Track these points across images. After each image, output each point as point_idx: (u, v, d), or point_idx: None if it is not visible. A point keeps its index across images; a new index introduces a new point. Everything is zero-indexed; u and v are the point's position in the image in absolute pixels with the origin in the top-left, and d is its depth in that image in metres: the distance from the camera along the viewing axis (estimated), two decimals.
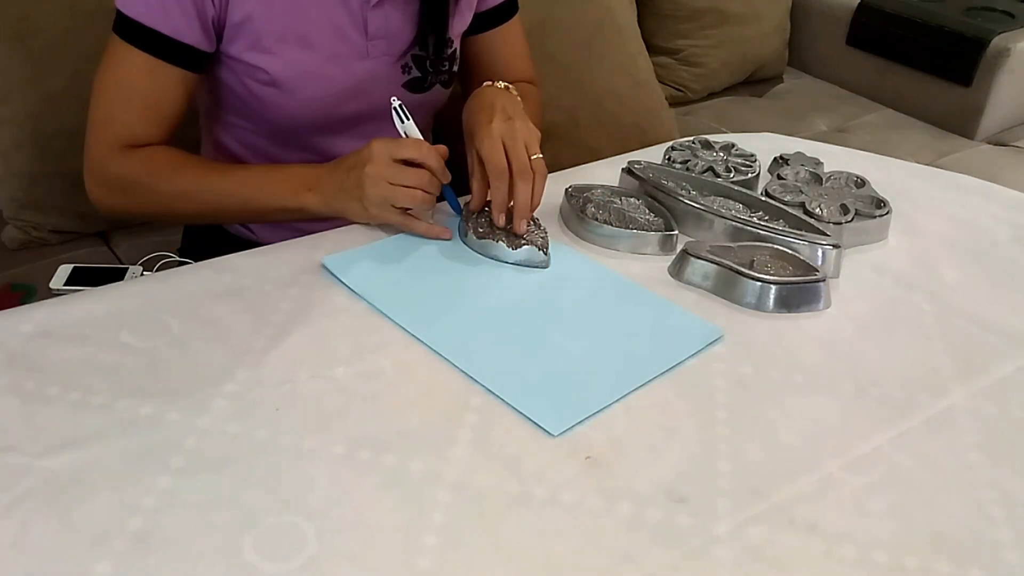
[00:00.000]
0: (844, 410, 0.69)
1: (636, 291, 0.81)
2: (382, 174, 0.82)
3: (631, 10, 1.69)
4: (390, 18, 0.92)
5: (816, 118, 1.93)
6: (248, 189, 0.88)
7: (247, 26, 0.87)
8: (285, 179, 0.88)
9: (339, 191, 0.85)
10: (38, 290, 1.14)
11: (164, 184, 0.88)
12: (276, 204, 0.87)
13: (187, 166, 0.89)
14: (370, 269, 0.81)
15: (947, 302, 0.83)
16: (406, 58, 0.96)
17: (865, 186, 0.98)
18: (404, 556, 0.54)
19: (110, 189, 0.90)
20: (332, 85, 0.92)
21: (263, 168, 0.93)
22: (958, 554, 0.57)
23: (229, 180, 0.89)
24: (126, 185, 0.89)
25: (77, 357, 0.69)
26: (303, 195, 0.86)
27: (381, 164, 0.82)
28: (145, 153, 0.88)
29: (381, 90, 0.95)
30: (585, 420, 0.66)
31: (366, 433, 0.63)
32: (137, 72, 0.86)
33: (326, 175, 0.86)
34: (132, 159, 0.88)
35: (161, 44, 0.85)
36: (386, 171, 0.82)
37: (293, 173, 0.88)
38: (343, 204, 0.85)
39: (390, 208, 0.84)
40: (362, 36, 0.92)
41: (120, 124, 0.88)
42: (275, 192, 0.87)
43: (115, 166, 0.88)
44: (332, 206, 0.86)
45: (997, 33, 1.81)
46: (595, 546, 0.56)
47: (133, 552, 0.54)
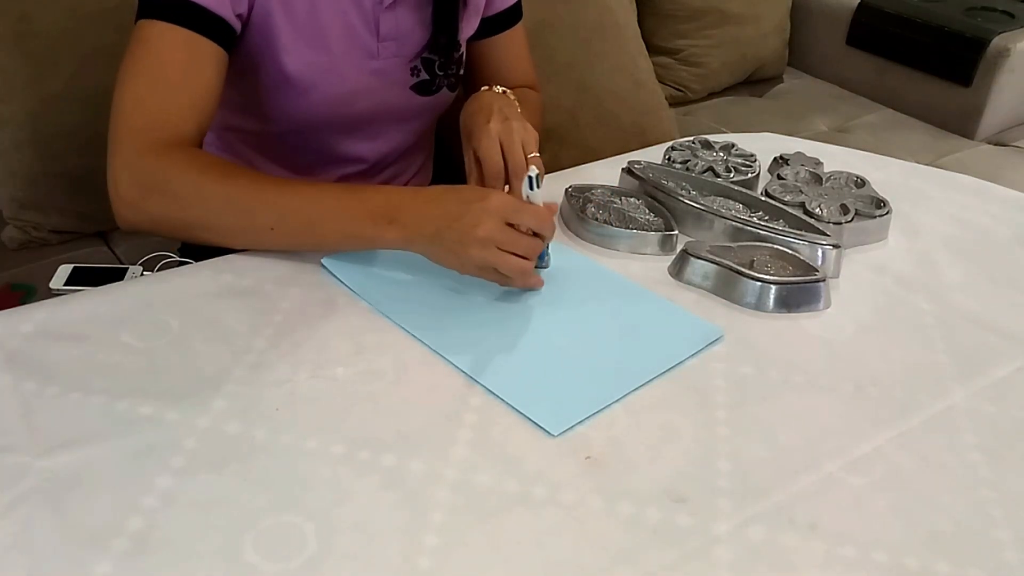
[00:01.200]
0: (844, 410, 0.69)
1: (636, 291, 0.81)
2: (494, 238, 0.72)
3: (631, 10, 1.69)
4: (401, 20, 0.93)
5: (816, 118, 1.93)
6: (315, 208, 0.77)
7: (265, 22, 0.86)
8: (361, 204, 0.77)
9: (434, 237, 0.74)
10: (38, 290, 1.14)
11: (216, 188, 0.76)
12: (345, 231, 0.77)
13: (241, 173, 0.79)
14: (370, 269, 0.81)
15: (947, 302, 0.83)
16: (415, 60, 0.96)
17: (865, 186, 0.98)
18: (404, 556, 0.54)
19: (145, 189, 0.76)
20: (342, 84, 0.92)
21: (331, 187, 0.80)
22: (958, 554, 0.57)
23: (292, 195, 0.77)
24: (166, 184, 0.76)
25: (77, 357, 0.69)
26: (382, 226, 0.75)
27: (495, 226, 0.72)
28: (189, 152, 0.78)
29: (389, 91, 0.96)
30: (585, 420, 0.66)
31: (366, 433, 0.63)
32: (173, 48, 0.79)
33: (417, 209, 0.76)
34: (177, 155, 0.77)
35: (197, 15, 0.79)
36: (499, 235, 0.73)
37: (370, 198, 0.77)
38: (434, 251, 0.75)
39: (491, 272, 0.75)
40: (373, 37, 0.92)
41: (155, 108, 0.78)
42: (348, 217, 0.77)
43: (154, 161, 0.76)
44: (417, 246, 0.76)
45: (997, 33, 1.81)
46: (595, 546, 0.56)
47: (133, 552, 0.54)
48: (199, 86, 0.81)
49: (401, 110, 0.99)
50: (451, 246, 0.74)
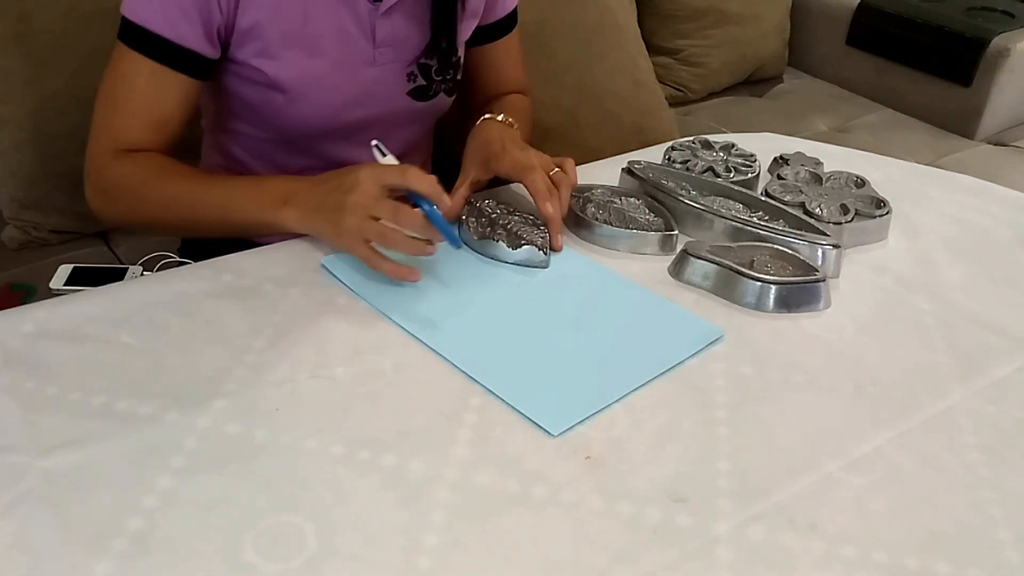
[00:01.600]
0: (844, 410, 0.69)
1: (636, 291, 0.81)
2: (364, 204, 0.76)
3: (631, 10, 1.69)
4: (397, 26, 0.93)
5: (816, 118, 1.93)
6: (227, 202, 0.85)
7: (255, 32, 0.87)
8: (263, 193, 0.84)
9: (317, 211, 0.80)
10: (38, 290, 1.14)
11: (153, 191, 0.86)
12: (252, 218, 0.83)
13: (176, 175, 0.87)
14: (370, 269, 0.81)
15: (947, 302, 0.83)
16: (412, 66, 0.96)
17: (865, 186, 0.98)
18: (404, 556, 0.54)
19: (104, 195, 0.89)
20: (338, 92, 0.92)
21: (243, 180, 0.88)
22: (958, 554, 0.57)
23: (210, 192, 0.86)
24: (117, 191, 0.88)
25: (77, 357, 0.69)
26: (279, 209, 0.82)
27: (365, 194, 0.76)
28: (138, 159, 0.87)
29: (387, 97, 0.96)
30: (585, 420, 0.66)
31: (366, 433, 0.63)
32: (139, 77, 0.85)
33: (306, 190, 0.82)
34: (125, 164, 0.86)
35: (164, 50, 0.84)
36: (368, 201, 0.76)
37: (271, 186, 0.84)
38: (317, 224, 0.80)
39: (361, 242, 0.77)
40: (369, 43, 0.92)
41: (118, 128, 0.87)
42: (251, 205, 0.83)
43: (109, 171, 0.87)
44: (307, 224, 0.81)
45: (997, 33, 1.81)
46: (595, 546, 0.56)
47: (133, 552, 0.54)
48: (162, 113, 0.87)
49: (399, 116, 0.98)
50: (331, 216, 0.78)
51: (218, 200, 0.85)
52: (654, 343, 0.74)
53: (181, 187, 0.86)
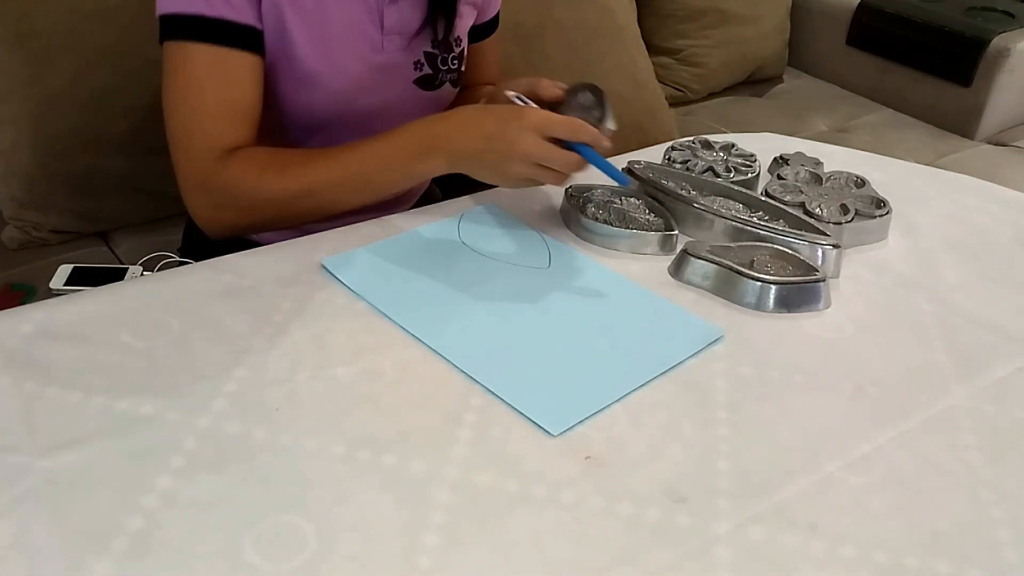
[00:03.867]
0: (844, 410, 0.69)
1: (636, 291, 0.81)
2: (532, 153, 0.79)
3: (631, 10, 1.69)
4: (405, 13, 0.94)
5: (816, 118, 1.93)
6: (364, 168, 0.84)
7: (277, 18, 0.86)
8: (400, 148, 0.83)
9: (473, 157, 0.81)
10: (38, 290, 1.14)
11: (276, 185, 0.84)
12: (398, 178, 0.84)
13: (292, 162, 0.85)
14: (370, 269, 0.81)
15: (947, 302, 0.83)
16: (419, 54, 0.97)
17: (865, 186, 0.98)
18: (404, 556, 0.54)
19: (216, 207, 0.86)
20: (346, 78, 0.93)
21: (370, 142, 0.85)
22: (958, 554, 0.57)
23: (341, 165, 0.84)
24: (232, 197, 0.84)
25: (77, 357, 0.69)
26: (425, 159, 0.82)
27: (533, 142, 0.78)
28: (244, 157, 0.84)
29: (393, 85, 0.96)
30: (585, 420, 0.66)
31: (366, 433, 0.63)
32: (208, 69, 0.82)
33: (453, 134, 0.82)
34: (232, 167, 0.83)
35: (224, 31, 0.82)
36: (537, 150, 0.79)
37: (407, 139, 0.84)
38: (475, 169, 0.82)
39: (526, 182, 0.82)
40: (378, 30, 0.93)
41: (205, 133, 0.83)
42: (394, 165, 0.83)
43: (216, 179, 0.84)
44: (459, 167, 0.82)
45: (997, 33, 1.81)
46: (595, 546, 0.56)
47: (133, 552, 0.54)
48: (243, 102, 0.85)
49: (404, 104, 0.99)
50: (492, 163, 0.81)
51: (352, 170, 0.84)
52: (654, 343, 0.74)
53: (306, 171, 0.84)
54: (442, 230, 0.87)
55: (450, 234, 0.87)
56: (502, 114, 0.81)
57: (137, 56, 1.22)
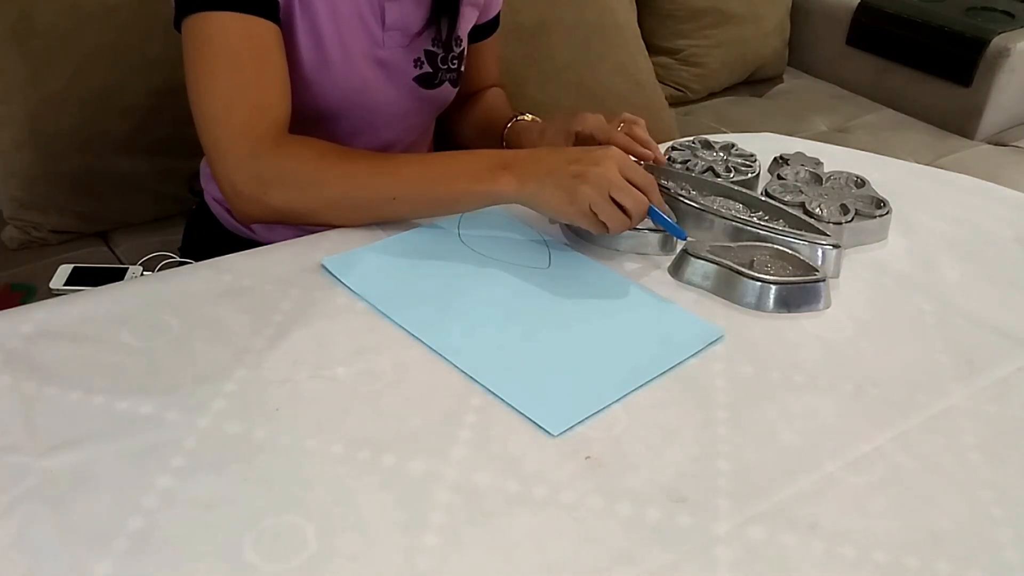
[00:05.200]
0: (844, 410, 0.69)
1: (636, 291, 0.81)
2: (609, 180, 0.77)
3: (631, 10, 1.69)
4: (406, 10, 0.94)
5: (816, 118, 1.93)
6: (432, 171, 0.83)
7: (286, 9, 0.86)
8: (475, 161, 0.82)
9: (547, 175, 0.79)
10: (38, 290, 1.14)
11: (334, 171, 0.81)
12: (464, 188, 0.81)
13: (356, 154, 0.84)
14: (370, 269, 0.81)
15: (947, 302, 0.83)
16: (419, 52, 0.97)
17: (865, 186, 0.98)
18: (404, 556, 0.54)
19: (264, 184, 0.81)
20: (347, 73, 0.93)
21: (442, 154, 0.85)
22: (958, 554, 0.57)
23: (408, 165, 0.84)
24: (286, 176, 0.81)
25: (77, 357, 0.69)
26: (496, 175, 0.80)
27: (613, 171, 0.78)
28: (301, 140, 0.83)
29: (393, 82, 0.97)
30: (585, 420, 0.66)
31: (366, 433, 0.63)
32: (236, 36, 0.79)
33: (529, 156, 0.82)
34: (290, 146, 0.82)
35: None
36: (614, 179, 0.78)
37: (481, 156, 0.83)
38: (545, 189, 0.79)
39: (590, 214, 0.78)
40: (379, 26, 0.93)
41: (245, 102, 0.80)
42: (462, 175, 0.81)
43: (269, 155, 0.81)
44: (529, 188, 0.79)
45: (997, 33, 1.81)
46: (595, 546, 0.56)
47: (133, 552, 0.54)
48: (276, 70, 0.82)
49: (403, 102, 0.99)
50: (565, 183, 0.78)
51: (422, 173, 0.83)
52: (654, 343, 0.74)
53: (371, 165, 0.83)
54: (442, 230, 0.87)
55: (450, 234, 0.87)
56: (586, 147, 0.82)
57: (137, 56, 1.22)
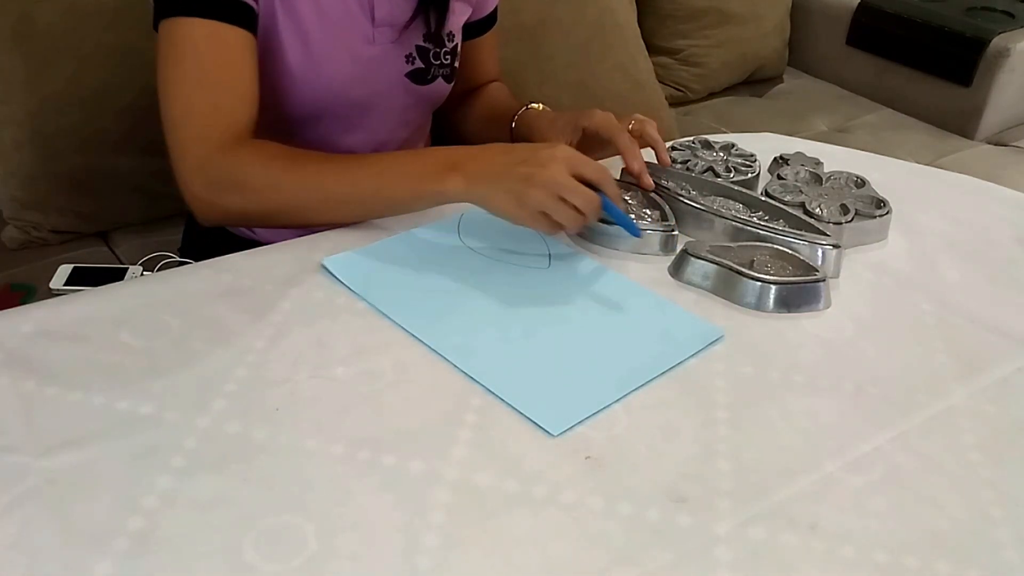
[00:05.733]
0: (844, 410, 0.69)
1: (636, 291, 0.81)
2: (557, 182, 0.75)
3: (631, 10, 1.69)
4: (396, 6, 0.94)
5: (816, 118, 1.93)
6: (381, 175, 0.82)
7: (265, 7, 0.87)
8: (423, 161, 0.81)
9: (495, 178, 0.77)
10: (38, 290, 1.14)
11: (286, 176, 0.82)
12: (411, 189, 0.80)
13: (309, 157, 0.83)
14: (370, 269, 0.81)
15: (947, 302, 0.83)
16: (410, 48, 0.97)
17: (865, 186, 0.98)
18: (404, 556, 0.54)
19: (219, 188, 0.82)
20: (338, 70, 0.93)
21: (394, 153, 0.85)
22: (958, 554, 0.57)
23: (359, 169, 0.83)
24: (239, 181, 0.82)
25: (77, 357, 0.69)
26: (445, 175, 0.78)
27: (560, 172, 0.76)
28: (256, 144, 0.83)
29: (386, 78, 0.97)
30: (585, 420, 0.66)
31: (366, 433, 0.63)
32: (205, 42, 0.81)
33: (479, 157, 0.80)
34: (243, 151, 0.82)
35: (216, 4, 0.81)
36: (563, 180, 0.76)
37: (430, 156, 0.82)
38: (493, 192, 0.77)
39: (541, 217, 0.77)
40: (369, 22, 0.93)
41: (207, 108, 0.81)
42: (410, 175, 0.80)
43: (222, 160, 0.81)
44: (477, 190, 0.78)
45: (997, 33, 1.81)
46: (595, 546, 0.56)
47: (133, 552, 0.54)
48: (240, 77, 0.83)
49: (396, 99, 0.99)
50: (514, 186, 0.76)
51: (370, 175, 0.82)
52: (654, 343, 0.74)
53: (321, 168, 0.83)
54: (442, 230, 0.87)
55: (450, 234, 0.87)
56: (534, 145, 0.80)
57: (137, 56, 1.22)
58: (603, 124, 0.92)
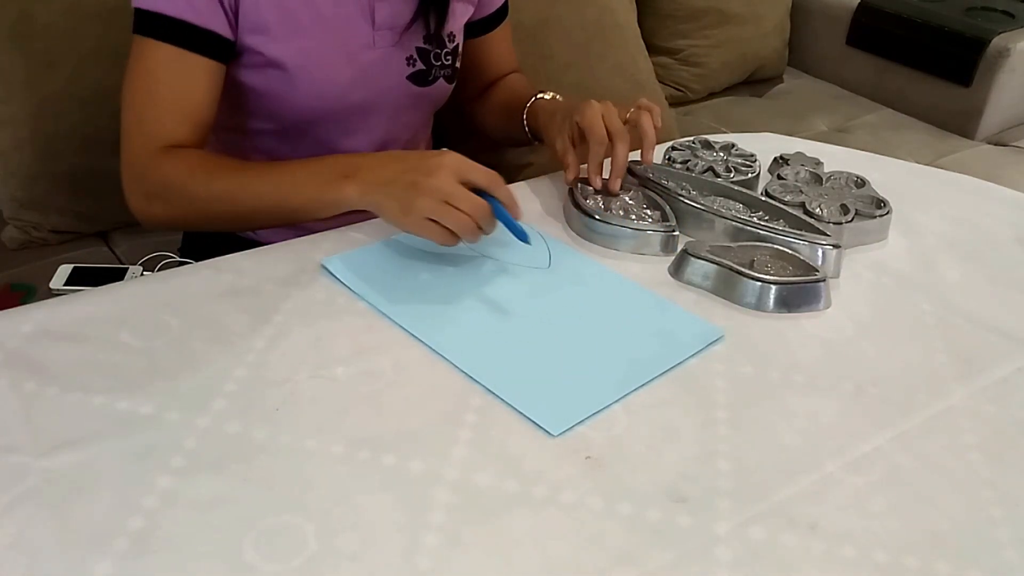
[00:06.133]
0: (844, 410, 0.69)
1: (636, 291, 0.81)
2: (442, 189, 0.75)
3: (631, 10, 1.69)
4: (396, 8, 0.94)
5: (816, 118, 1.93)
6: (283, 185, 0.83)
7: (255, 15, 0.87)
8: (321, 170, 0.82)
9: (385, 185, 0.78)
10: (38, 290, 1.14)
11: (201, 187, 0.84)
12: (311, 198, 0.82)
13: (224, 168, 0.86)
14: (370, 269, 0.81)
15: (947, 302, 0.83)
16: (411, 50, 0.97)
17: (865, 186, 0.98)
18: (404, 556, 0.54)
19: (149, 197, 0.87)
20: (339, 75, 0.93)
21: (298, 162, 0.86)
22: (958, 554, 0.57)
23: (264, 179, 0.84)
24: (164, 191, 0.86)
25: (77, 357, 0.69)
26: (341, 184, 0.80)
27: (446, 179, 0.76)
28: (181, 156, 0.85)
29: (387, 81, 0.97)
30: (585, 420, 0.66)
31: (366, 433, 0.63)
32: (163, 66, 0.84)
33: (372, 165, 0.81)
34: (168, 163, 0.85)
35: (184, 33, 0.83)
36: (448, 187, 0.76)
37: (330, 163, 0.83)
38: (383, 200, 0.78)
39: (429, 224, 0.76)
40: (369, 25, 0.93)
41: (151, 123, 0.85)
42: (310, 184, 0.82)
43: (152, 171, 0.85)
44: (370, 198, 0.79)
45: (997, 33, 1.81)
46: (595, 546, 0.56)
47: (133, 552, 0.54)
48: (192, 101, 0.86)
49: (399, 100, 0.99)
50: (401, 193, 0.77)
51: (274, 185, 0.84)
52: (654, 343, 0.74)
53: (232, 178, 0.85)
54: None
55: None
56: (424, 153, 0.81)
57: None
58: (590, 124, 0.90)
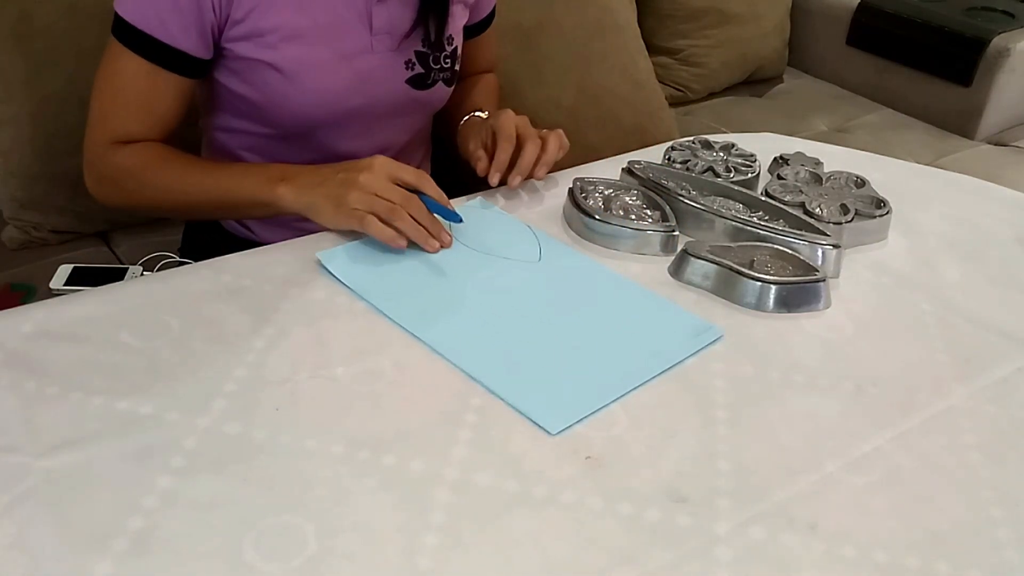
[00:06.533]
0: (844, 410, 0.69)
1: (636, 290, 0.81)
2: (372, 184, 0.81)
3: (631, 10, 1.69)
4: (394, 13, 0.94)
5: (816, 118, 1.93)
6: (225, 182, 0.88)
7: (250, 23, 0.87)
8: (260, 172, 0.88)
9: (317, 186, 0.83)
10: (38, 290, 1.14)
11: (151, 177, 0.90)
12: (248, 196, 0.86)
13: (174, 161, 0.90)
14: (370, 269, 0.81)
15: (947, 302, 0.83)
16: (409, 54, 0.97)
17: (865, 186, 0.98)
18: (404, 556, 0.54)
19: (102, 181, 0.92)
20: (337, 79, 0.93)
21: (243, 165, 0.93)
22: (958, 554, 0.57)
23: (210, 175, 0.90)
24: (117, 177, 0.91)
25: (77, 357, 0.69)
26: (275, 185, 0.84)
27: (376, 176, 0.82)
28: (137, 147, 0.90)
29: (385, 85, 0.96)
30: (585, 420, 0.66)
31: (366, 433, 0.63)
32: (132, 75, 0.87)
33: (307, 170, 0.86)
34: (124, 152, 0.89)
35: (157, 50, 0.86)
36: (378, 182, 0.82)
37: (269, 168, 0.88)
38: (315, 199, 0.83)
39: (361, 214, 0.81)
40: (367, 30, 0.93)
41: (115, 122, 0.89)
42: (248, 184, 0.87)
43: (108, 158, 0.90)
44: (302, 199, 0.84)
45: (997, 33, 1.81)
46: (595, 546, 0.56)
47: (133, 552, 0.54)
48: (157, 110, 0.90)
49: (397, 104, 0.99)
50: (334, 191, 0.82)
51: (216, 182, 0.89)
52: (654, 343, 0.74)
53: (180, 172, 0.90)
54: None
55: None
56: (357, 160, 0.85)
57: None
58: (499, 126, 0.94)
